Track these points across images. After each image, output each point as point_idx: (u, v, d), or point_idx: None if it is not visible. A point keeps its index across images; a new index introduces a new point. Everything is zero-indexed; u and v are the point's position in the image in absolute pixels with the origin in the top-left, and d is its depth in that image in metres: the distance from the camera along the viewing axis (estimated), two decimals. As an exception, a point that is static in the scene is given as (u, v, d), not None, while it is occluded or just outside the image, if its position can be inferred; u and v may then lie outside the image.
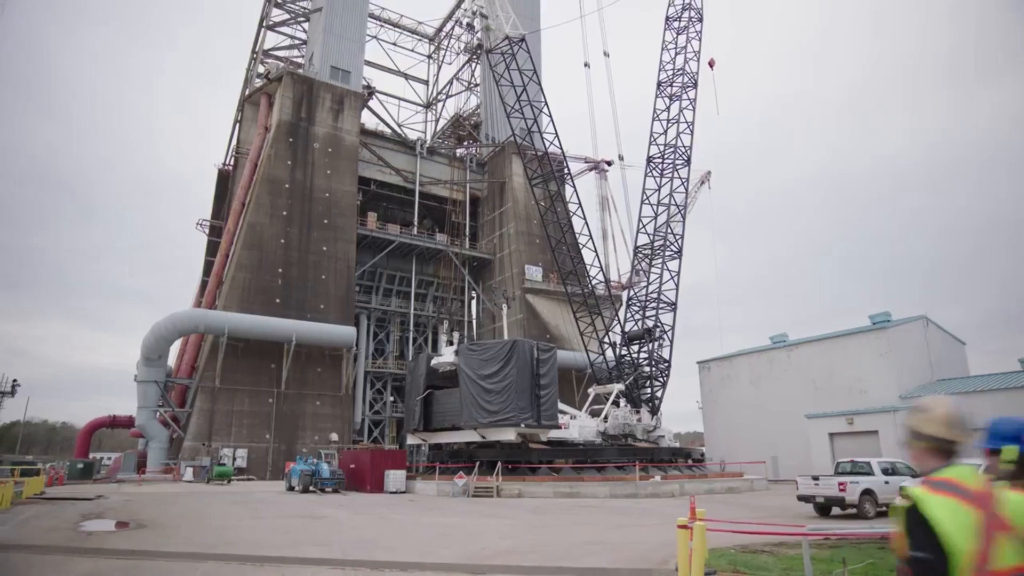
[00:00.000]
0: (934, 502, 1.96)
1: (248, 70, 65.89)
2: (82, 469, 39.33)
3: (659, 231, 40.78)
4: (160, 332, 40.99)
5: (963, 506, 1.95)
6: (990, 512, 1.95)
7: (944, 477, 2.07)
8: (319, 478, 28.46)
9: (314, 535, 13.02)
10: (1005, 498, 2.02)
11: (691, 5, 42.37)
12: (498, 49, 39.58)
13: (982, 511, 1.94)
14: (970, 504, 1.95)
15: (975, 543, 1.89)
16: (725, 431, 43.27)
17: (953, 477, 2.06)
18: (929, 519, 1.93)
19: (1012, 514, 1.97)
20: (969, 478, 2.05)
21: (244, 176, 52.18)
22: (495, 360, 29.52)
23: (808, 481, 17.70)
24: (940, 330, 38.67)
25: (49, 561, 9.54)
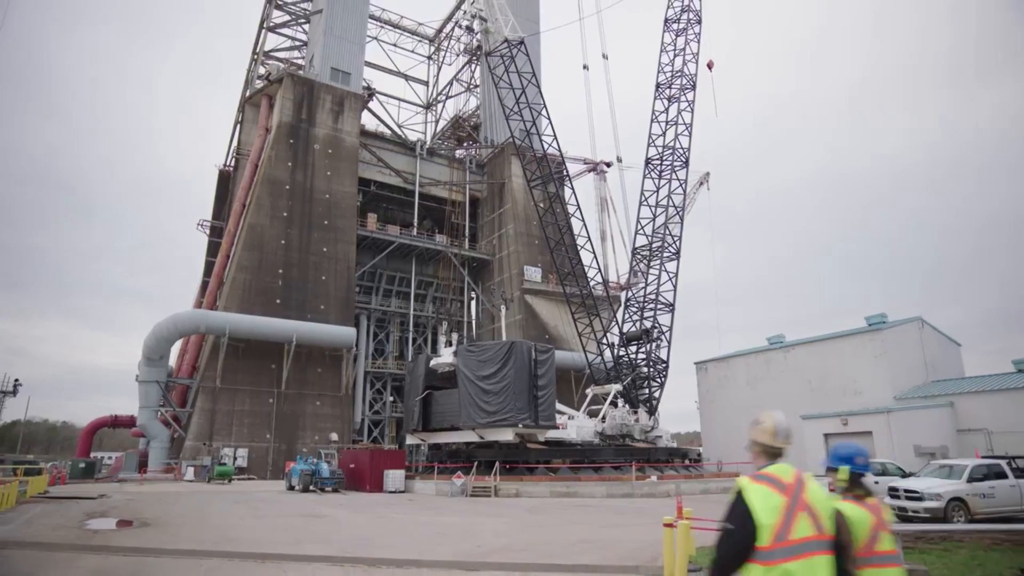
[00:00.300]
0: (752, 488, 2.66)
1: (249, 71, 66.20)
2: (84, 468, 39.66)
3: (657, 232, 41.06)
4: (161, 332, 41.30)
5: (774, 492, 2.64)
6: (795, 497, 2.63)
7: (766, 472, 2.77)
8: (319, 478, 28.76)
9: (314, 533, 13.32)
10: (811, 487, 2.71)
11: (690, 7, 42.61)
12: (497, 52, 39.88)
13: (788, 497, 2.63)
14: (780, 492, 2.64)
15: (777, 519, 2.57)
16: (722, 431, 43.49)
17: (773, 472, 2.76)
18: (747, 500, 2.62)
19: (812, 500, 2.66)
20: (784, 473, 2.74)
21: (245, 177, 52.48)
22: (493, 361, 29.85)
23: (799, 481, 18.00)
24: (935, 331, 38.91)
25: (58, 558, 9.85)
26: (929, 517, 14.48)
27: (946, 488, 14.82)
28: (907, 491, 15.24)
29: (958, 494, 14.70)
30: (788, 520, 2.57)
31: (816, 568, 2.54)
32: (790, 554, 2.53)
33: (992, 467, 15.74)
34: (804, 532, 2.58)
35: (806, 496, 2.66)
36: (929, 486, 15.06)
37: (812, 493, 2.70)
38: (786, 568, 2.50)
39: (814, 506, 2.65)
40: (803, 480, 2.73)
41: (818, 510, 2.66)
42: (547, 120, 41.27)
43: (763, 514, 2.57)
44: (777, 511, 2.59)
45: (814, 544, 2.57)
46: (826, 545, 2.62)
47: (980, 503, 14.78)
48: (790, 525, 2.56)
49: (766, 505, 2.60)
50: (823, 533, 2.63)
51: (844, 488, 3.21)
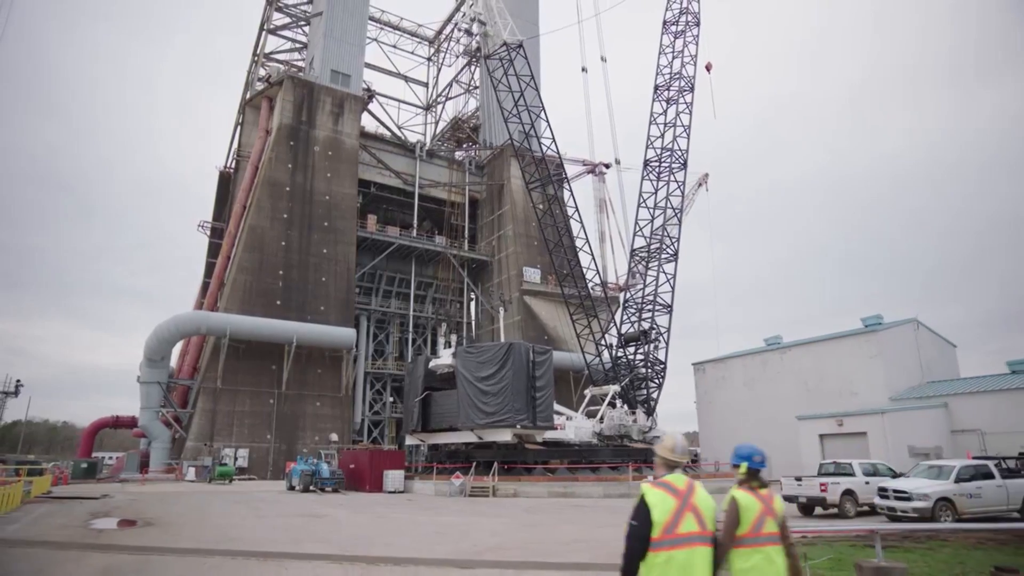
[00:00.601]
0: (651, 492, 3.32)
1: (249, 73, 66.51)
2: (86, 469, 39.96)
3: (656, 234, 41.25)
4: (162, 334, 41.61)
5: (668, 496, 3.29)
6: (685, 500, 3.29)
7: (664, 479, 3.41)
8: (319, 478, 29.05)
9: (314, 533, 13.62)
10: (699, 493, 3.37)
11: (688, 9, 42.79)
12: (496, 55, 40.16)
13: (679, 500, 3.28)
14: (673, 496, 3.29)
15: (668, 517, 3.23)
16: (720, 432, 43.82)
17: (669, 480, 3.39)
18: (647, 502, 3.27)
19: (699, 503, 3.31)
20: (678, 481, 3.38)
21: (245, 179, 52.79)
22: (492, 362, 30.11)
23: (791, 482, 18.34)
24: (931, 333, 39.25)
25: (67, 556, 10.15)
26: (917, 517, 14.77)
27: (934, 488, 15.12)
28: (896, 491, 15.53)
29: (945, 494, 14.99)
30: (677, 518, 3.23)
31: (695, 556, 3.21)
32: (675, 544, 3.20)
33: (979, 468, 16.03)
34: (689, 527, 3.25)
35: (694, 499, 3.32)
36: (917, 486, 15.35)
37: (699, 497, 3.35)
38: (671, 555, 3.17)
39: (699, 507, 3.31)
40: (693, 487, 3.39)
41: (702, 511, 3.32)
42: (545, 123, 41.53)
43: (657, 512, 3.24)
44: (669, 511, 3.25)
45: (696, 537, 3.25)
46: (707, 539, 3.30)
47: (967, 503, 15.07)
48: (678, 522, 3.23)
49: (661, 506, 3.26)
50: (705, 529, 3.29)
51: (742, 480, 3.85)
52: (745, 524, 3.61)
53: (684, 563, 3.18)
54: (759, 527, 3.61)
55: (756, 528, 3.60)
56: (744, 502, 3.66)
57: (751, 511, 3.64)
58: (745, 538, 3.59)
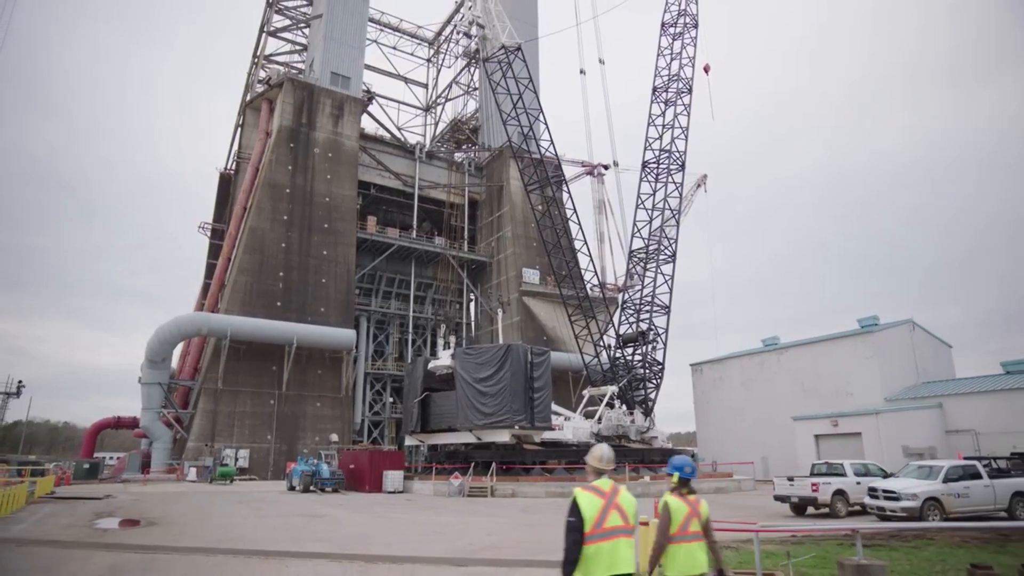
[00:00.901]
0: (582, 495, 3.90)
1: (249, 75, 66.84)
2: (88, 469, 40.27)
3: (654, 235, 41.47)
4: (163, 335, 41.91)
5: (595, 497, 3.89)
6: (609, 500, 3.90)
7: (593, 484, 3.99)
8: (319, 478, 29.33)
9: (314, 532, 13.92)
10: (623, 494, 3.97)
11: (687, 11, 43.00)
12: (495, 58, 40.41)
13: (604, 500, 3.89)
14: (600, 497, 3.90)
15: (596, 514, 3.83)
16: (717, 432, 44.14)
17: (597, 484, 3.98)
18: (578, 503, 3.85)
19: (622, 502, 3.92)
20: (604, 485, 3.99)
21: (246, 181, 53.10)
22: (490, 364, 30.36)
23: (784, 482, 18.62)
24: (926, 334, 39.55)
25: (74, 555, 10.45)
26: (906, 516, 15.05)
27: (922, 488, 15.40)
28: (885, 491, 15.82)
29: (933, 494, 15.28)
30: (603, 515, 3.87)
31: (619, 545, 3.88)
32: (603, 536, 3.84)
33: (967, 468, 16.31)
34: (614, 522, 3.89)
35: (618, 499, 3.97)
36: (906, 486, 15.64)
37: (622, 497, 4.00)
38: (599, 546, 3.82)
39: (623, 506, 3.96)
40: (617, 489, 4.03)
41: (625, 509, 3.97)
42: (544, 125, 41.76)
43: (587, 511, 3.87)
44: (597, 509, 3.88)
45: (620, 530, 3.90)
46: (629, 531, 3.94)
47: (955, 503, 15.35)
48: (604, 518, 3.87)
49: (590, 505, 3.89)
50: (627, 523, 3.93)
51: (674, 488, 4.58)
52: (675, 524, 4.37)
53: (610, 551, 3.84)
54: (686, 527, 4.37)
55: (683, 528, 4.36)
56: (674, 506, 4.43)
57: (680, 513, 4.40)
58: (675, 536, 4.36)
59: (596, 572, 3.81)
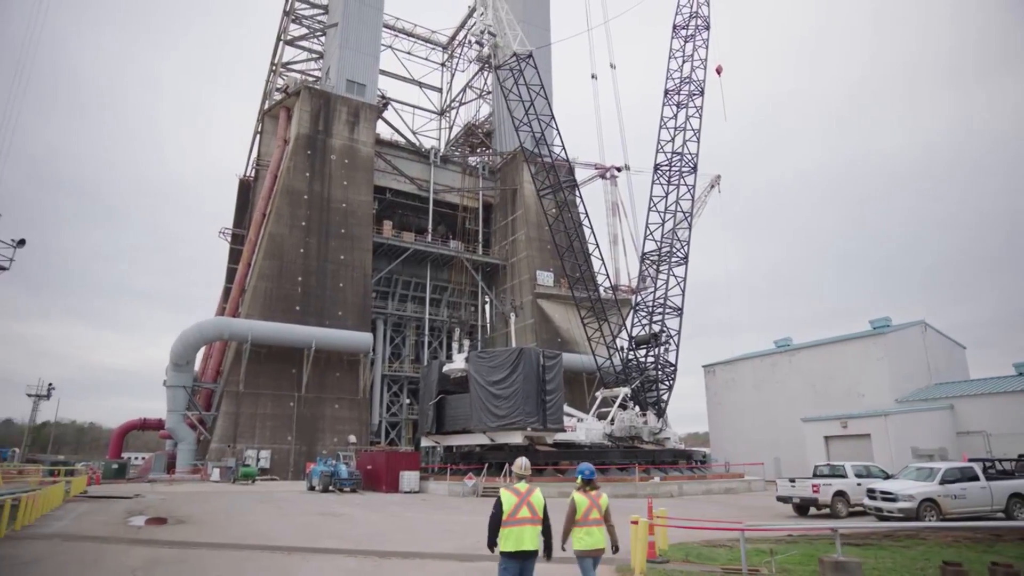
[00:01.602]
0: (504, 493, 5.69)
1: (267, 83, 68.24)
2: (117, 469, 41.67)
3: (666, 238, 41.68)
4: (187, 339, 43.20)
5: (513, 496, 5.66)
6: (523, 498, 5.64)
7: (514, 486, 5.77)
8: (338, 478, 30.24)
9: (332, 530, 14.75)
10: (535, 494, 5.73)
11: (698, 13, 43.18)
12: (506, 65, 41.03)
13: (519, 498, 5.64)
14: (516, 496, 5.66)
15: (511, 508, 5.58)
16: (730, 433, 44.44)
17: (517, 486, 5.77)
18: (501, 499, 5.63)
19: (533, 500, 5.66)
20: (522, 487, 5.76)
21: (264, 188, 54.38)
22: (503, 367, 31.08)
23: (786, 483, 19.12)
24: (939, 335, 39.54)
25: (114, 549, 11.34)
26: (902, 517, 15.51)
27: (918, 490, 15.84)
28: (883, 492, 16.28)
29: (930, 495, 15.71)
30: (517, 509, 5.64)
31: (525, 531, 5.58)
32: (513, 524, 5.60)
33: (965, 470, 16.69)
34: (523, 515, 5.63)
35: (530, 498, 5.72)
36: (903, 488, 16.08)
37: (534, 496, 5.76)
38: (510, 530, 5.58)
39: (533, 503, 5.70)
40: (532, 490, 5.81)
41: (534, 505, 5.69)
42: (555, 131, 42.29)
43: (506, 505, 5.66)
44: (512, 504, 5.65)
45: (527, 520, 5.62)
46: (535, 521, 5.66)
47: (951, 504, 15.77)
48: (517, 511, 5.63)
49: (508, 501, 5.67)
50: (535, 516, 5.66)
51: (579, 487, 6.22)
52: (579, 513, 6.06)
53: (518, 534, 5.60)
54: (587, 515, 6.07)
55: (585, 516, 6.07)
56: (578, 500, 6.12)
57: (582, 506, 6.09)
58: (579, 521, 6.06)
59: (508, 547, 5.58)
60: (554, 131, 42.05)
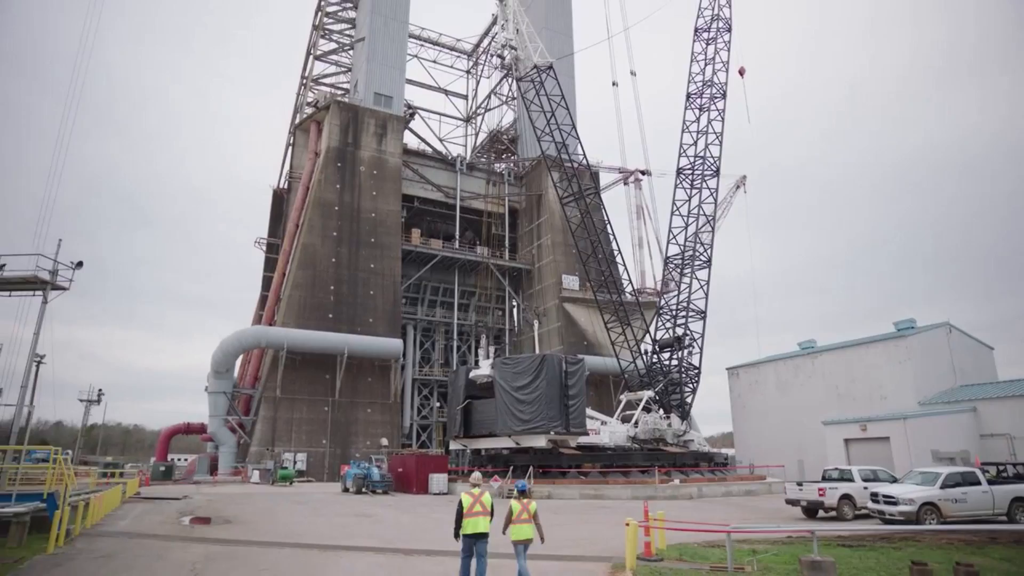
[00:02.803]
0: (464, 495, 8.57)
1: (298, 97, 70.67)
2: (164, 472, 44.05)
3: (689, 241, 42.03)
4: (227, 348, 45.40)
5: (469, 497, 8.52)
6: (476, 499, 8.51)
7: (470, 490, 8.65)
8: (370, 481, 31.75)
9: (364, 529, 16.10)
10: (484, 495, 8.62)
11: (720, 16, 43.45)
12: (528, 77, 42.11)
13: (474, 499, 8.50)
14: (472, 497, 8.53)
15: (468, 505, 8.41)
16: (754, 435, 44.83)
17: (472, 490, 8.65)
18: (461, 499, 8.48)
19: (483, 500, 8.53)
20: (475, 490, 8.67)
21: (297, 199, 56.56)
22: (526, 373, 32.17)
23: (794, 487, 19.86)
24: (965, 336, 39.39)
25: (174, 546, 12.84)
26: (903, 520, 16.19)
27: (919, 494, 16.49)
28: (885, 496, 16.96)
29: (930, 499, 16.35)
30: (472, 505, 8.35)
31: (478, 520, 8.30)
32: (470, 515, 8.28)
33: (966, 475, 17.25)
34: (477, 510, 8.34)
35: (482, 498, 8.45)
36: (904, 492, 16.75)
37: (484, 497, 8.48)
38: (468, 520, 8.30)
39: (483, 501, 8.41)
40: (483, 492, 8.58)
41: (484, 503, 8.40)
42: (577, 140, 43.19)
43: (465, 504, 8.33)
44: (469, 502, 8.33)
45: (479, 513, 8.31)
46: (486, 514, 8.36)
47: (952, 507, 16.38)
48: (472, 507, 8.32)
49: (466, 501, 8.34)
50: (485, 510, 8.35)
51: (515, 496, 8.80)
52: (513, 515, 8.53)
53: (474, 522, 8.22)
54: (519, 516, 8.53)
55: (518, 516, 8.53)
56: (513, 505, 8.61)
57: (516, 509, 8.56)
58: (513, 520, 8.51)
59: (467, 531, 8.24)
60: (575, 140, 42.97)
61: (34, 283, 24.12)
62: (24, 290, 24.75)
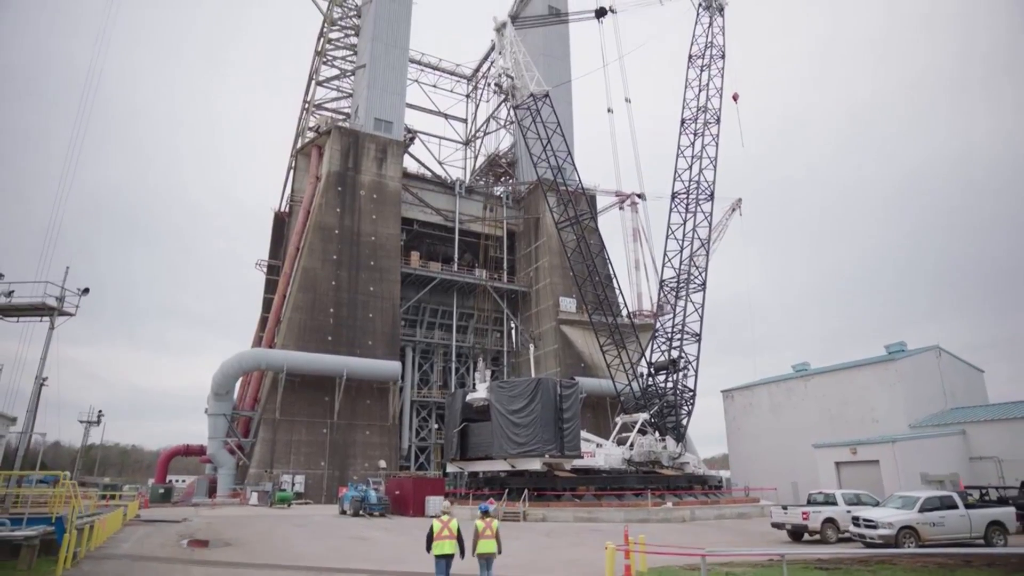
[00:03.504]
0: (434, 521, 10.37)
1: (299, 122, 71.96)
2: (163, 494, 44.33)
3: (684, 264, 42.54)
4: (227, 370, 45.94)
5: (439, 522, 10.29)
6: (445, 524, 10.23)
7: (441, 517, 10.41)
8: (367, 503, 32.11)
9: (360, 552, 16.59)
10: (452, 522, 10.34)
11: (713, 43, 44.51)
12: (524, 105, 43.12)
13: (443, 524, 10.24)
14: (440, 522, 10.28)
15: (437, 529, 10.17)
16: (749, 457, 45.17)
17: (442, 517, 10.38)
18: (432, 524, 10.28)
19: (451, 525, 10.22)
20: (444, 517, 10.43)
21: (298, 223, 57.46)
22: (522, 396, 32.73)
23: (779, 510, 20.34)
24: (955, 359, 39.93)
25: (176, 568, 13.37)
26: (883, 543, 16.68)
27: (898, 518, 17.00)
28: (865, 520, 17.47)
29: (909, 523, 16.85)
30: (441, 530, 10.13)
31: (445, 543, 10.05)
32: (438, 539, 10.05)
33: (944, 499, 17.78)
34: (444, 534, 10.09)
35: (449, 524, 10.20)
36: (884, 515, 17.26)
37: (452, 523, 10.24)
38: (436, 543, 10.10)
39: (450, 526, 10.15)
40: (450, 519, 10.33)
41: (451, 528, 10.15)
42: (573, 166, 44.04)
43: (435, 528, 10.16)
44: (439, 527, 10.14)
45: (447, 537, 10.07)
46: (453, 537, 10.10)
47: (930, 531, 16.89)
48: (441, 531, 10.11)
49: (435, 526, 10.17)
50: (452, 534, 10.09)
51: (480, 516, 10.52)
52: (477, 532, 10.11)
53: (441, 545, 9.97)
54: (484, 532, 10.14)
55: (482, 533, 10.14)
56: (478, 524, 10.25)
57: (480, 527, 10.18)
58: (478, 537, 10.09)
59: (437, 552, 9.84)
60: (571, 166, 43.81)
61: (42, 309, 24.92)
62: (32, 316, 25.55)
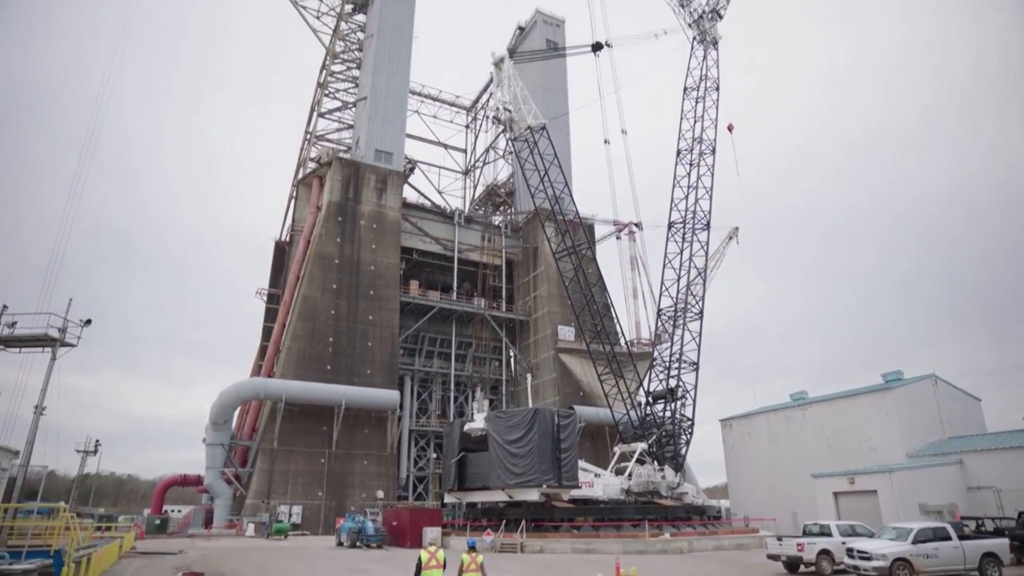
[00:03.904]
0: (422, 552, 11.35)
1: (301, 152, 73.02)
2: (159, 525, 44.00)
3: (681, 293, 42.80)
4: (226, 400, 45.98)
5: (427, 553, 11.29)
6: (432, 555, 11.22)
7: (427, 548, 11.46)
8: (364, 535, 31.96)
9: (356, 586, 16.59)
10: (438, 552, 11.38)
11: (708, 75, 45.42)
12: (522, 137, 43.94)
13: (430, 554, 11.23)
14: (428, 552, 11.27)
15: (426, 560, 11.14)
16: (749, 487, 44.97)
17: (429, 548, 11.43)
18: (420, 555, 11.27)
19: (437, 555, 11.25)
20: (432, 548, 11.53)
21: (298, 252, 57.99)
22: (519, 427, 32.79)
23: (774, 542, 20.38)
24: (952, 387, 40.04)
25: (172, 602, 13.47)
26: (876, 575, 16.75)
27: (891, 549, 17.09)
28: (859, 552, 17.54)
29: (902, 555, 16.94)
30: (428, 560, 11.09)
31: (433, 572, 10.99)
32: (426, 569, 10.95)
33: (937, 531, 17.87)
34: (432, 563, 11.03)
35: (436, 554, 11.18)
36: (877, 547, 17.34)
37: (438, 553, 11.26)
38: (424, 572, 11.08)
39: (437, 556, 11.11)
40: (438, 549, 11.38)
41: (438, 557, 11.13)
42: (570, 197, 44.67)
43: (423, 559, 11.10)
44: (427, 557, 11.06)
45: (435, 567, 11.00)
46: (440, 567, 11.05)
47: (924, 562, 16.96)
48: (428, 561, 11.05)
49: (424, 557, 11.10)
50: (439, 564, 11.04)
51: (467, 552, 11.55)
52: (463, 566, 11.16)
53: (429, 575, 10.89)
54: (469, 567, 11.17)
55: (467, 567, 11.16)
56: (464, 559, 11.30)
57: (465, 561, 11.23)
58: (463, 570, 11.11)
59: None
60: (568, 197, 44.43)
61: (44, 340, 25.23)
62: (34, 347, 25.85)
